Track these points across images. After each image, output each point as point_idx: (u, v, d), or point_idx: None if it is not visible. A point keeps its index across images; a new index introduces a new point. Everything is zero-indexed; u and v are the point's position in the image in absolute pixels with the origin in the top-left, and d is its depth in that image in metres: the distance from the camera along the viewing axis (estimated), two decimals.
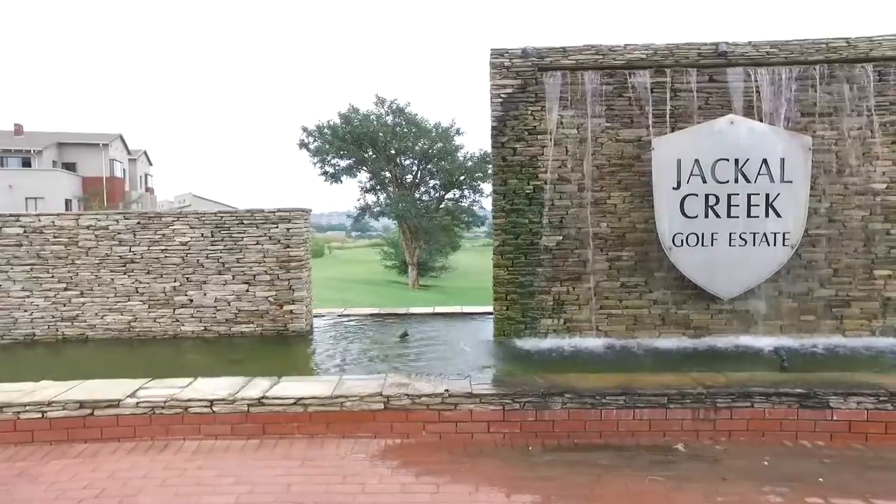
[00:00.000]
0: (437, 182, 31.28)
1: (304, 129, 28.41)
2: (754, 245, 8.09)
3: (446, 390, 5.97)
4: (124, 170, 50.99)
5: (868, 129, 8.33)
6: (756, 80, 8.29)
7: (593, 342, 8.45)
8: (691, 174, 8.07)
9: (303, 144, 28.45)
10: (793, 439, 5.89)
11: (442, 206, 31.99)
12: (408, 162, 27.56)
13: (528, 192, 8.60)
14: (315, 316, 10.93)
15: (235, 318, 9.42)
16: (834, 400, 5.86)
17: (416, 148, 28.45)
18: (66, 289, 9.40)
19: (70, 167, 44.66)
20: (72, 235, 9.36)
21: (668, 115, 8.37)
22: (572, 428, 5.93)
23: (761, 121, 8.24)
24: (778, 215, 8.05)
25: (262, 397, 5.90)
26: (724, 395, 5.92)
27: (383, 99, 28.03)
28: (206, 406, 5.86)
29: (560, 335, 8.61)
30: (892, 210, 8.43)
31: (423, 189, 31.42)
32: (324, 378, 6.54)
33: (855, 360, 7.70)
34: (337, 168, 28.81)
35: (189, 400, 5.88)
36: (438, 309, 11.55)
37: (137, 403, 5.80)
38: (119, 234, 9.36)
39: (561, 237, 8.59)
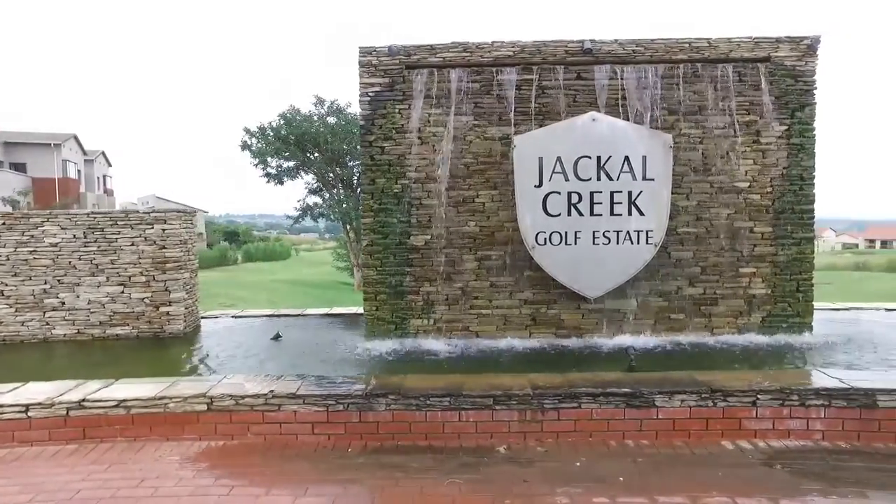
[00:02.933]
0: None
1: (247, 130, 28.17)
2: (618, 243, 8.08)
3: (271, 391, 5.88)
4: (79, 171, 50.22)
5: (731, 128, 8.36)
6: (622, 78, 8.28)
7: (462, 342, 8.38)
8: (553, 172, 8.03)
9: (245, 146, 28.17)
10: (619, 439, 5.88)
11: None
12: (353, 163, 27.33)
13: (396, 191, 8.52)
14: (206, 317, 10.82)
15: (110, 321, 9.24)
16: (659, 399, 5.85)
17: (359, 149, 27.94)
18: None
19: (20, 168, 43.84)
20: None
21: (535, 113, 8.33)
22: (397, 430, 5.87)
23: (628, 119, 8.24)
24: (641, 213, 8.04)
25: (83, 400, 5.77)
26: (551, 397, 5.88)
27: (322, 99, 27.81)
28: (20, 411, 5.71)
29: (430, 335, 8.53)
30: (754, 208, 8.47)
31: None
32: (157, 380, 6.39)
33: (710, 357, 7.74)
34: (279, 169, 28.59)
35: (2, 406, 5.72)
36: (336, 310, 11.47)
37: None
38: None
39: (429, 236, 8.52)
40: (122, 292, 9.25)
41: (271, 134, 27.92)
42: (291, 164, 29.07)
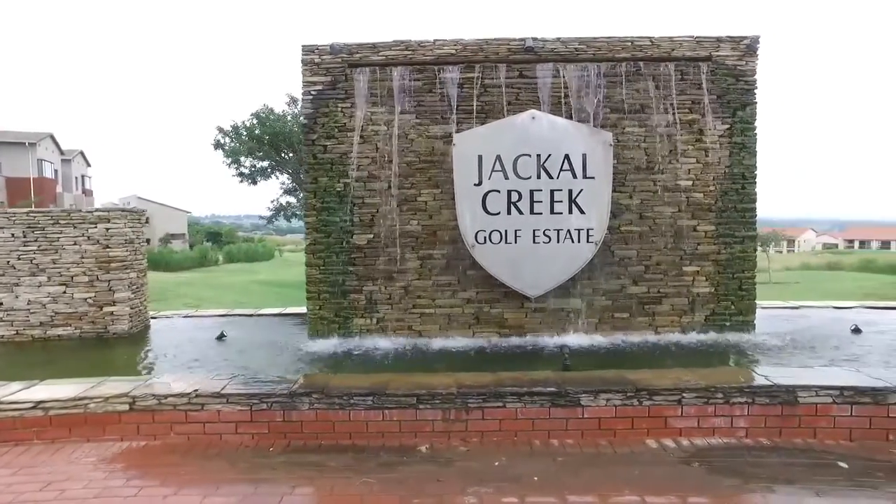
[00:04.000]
0: None
1: (220, 130, 27.98)
2: (558, 242, 8.05)
3: (195, 390, 5.81)
4: (56, 170, 49.76)
5: (673, 126, 8.37)
6: (564, 77, 8.27)
7: (404, 342, 8.34)
8: (493, 170, 7.99)
9: (218, 145, 28.00)
10: (544, 439, 5.84)
11: None
12: None
13: (338, 190, 8.46)
14: (157, 317, 10.73)
15: (52, 321, 9.11)
16: (585, 398, 5.83)
17: None
18: None
19: None
20: None
21: (477, 111, 8.30)
22: (321, 429, 5.82)
23: (571, 117, 8.23)
24: (581, 212, 8.02)
25: None
26: (476, 396, 5.84)
27: (295, 99, 27.57)
28: None
29: (373, 335, 8.48)
30: (697, 207, 8.48)
31: None
32: (83, 380, 6.30)
33: (651, 356, 7.75)
34: (253, 169, 28.42)
35: None
36: (289, 309, 11.40)
37: None
38: None
39: (372, 235, 8.47)
40: (65, 292, 9.13)
41: (245, 133, 27.76)
42: (265, 163, 28.91)
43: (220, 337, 8.77)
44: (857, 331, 8.61)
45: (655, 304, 8.55)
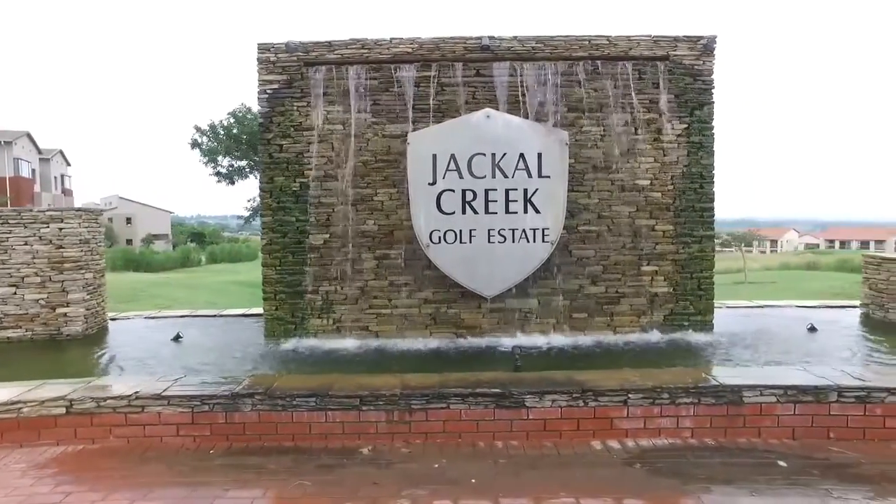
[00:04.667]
0: None
1: (197, 129, 27.77)
2: (514, 242, 8.00)
3: (135, 392, 5.71)
4: (34, 170, 49.26)
5: (632, 125, 8.34)
6: (522, 75, 8.22)
7: (360, 342, 8.26)
8: (447, 169, 7.93)
9: (195, 144, 27.78)
10: (489, 440, 5.78)
11: None
12: None
13: (294, 189, 8.37)
14: (117, 319, 10.61)
15: (0, 323, 8.95)
16: (529, 399, 5.77)
17: None
18: None
19: None
20: None
21: (434, 110, 8.24)
22: (264, 431, 5.74)
23: (528, 116, 8.18)
24: (537, 211, 7.97)
25: None
26: (419, 397, 5.78)
27: None
28: None
29: (329, 335, 8.40)
30: (656, 206, 8.46)
31: None
32: (21, 383, 6.13)
33: (608, 356, 7.71)
34: (230, 169, 28.22)
35: None
36: (253, 310, 11.25)
37: None
38: None
39: (328, 235, 8.38)
40: (15, 293, 8.96)
41: (222, 132, 27.57)
42: (244, 163, 28.71)
43: (176, 338, 8.65)
44: (812, 329, 8.63)
45: (614, 304, 8.51)
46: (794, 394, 5.75)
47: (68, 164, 60.54)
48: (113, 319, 10.44)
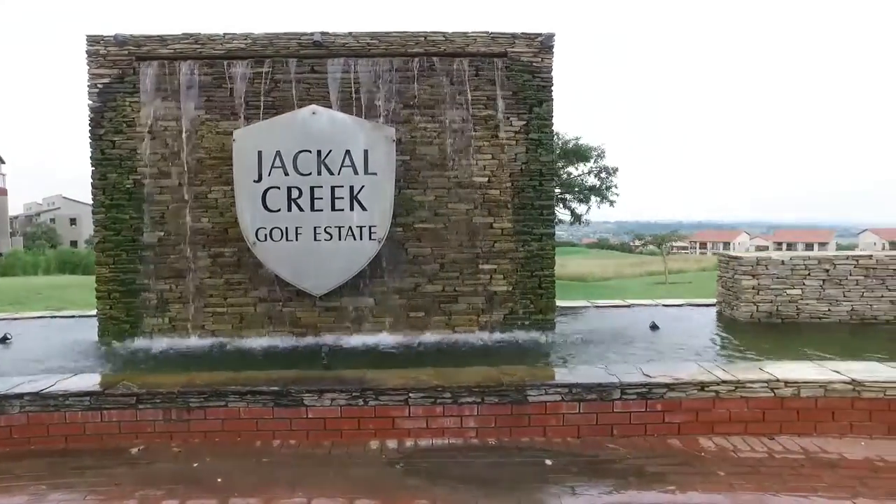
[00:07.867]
0: None
1: None
2: (340, 239, 7.93)
3: None
4: None
5: (468, 122, 8.30)
6: (356, 72, 8.15)
7: (195, 342, 8.18)
8: (273, 166, 7.84)
9: None
10: (268, 439, 5.75)
11: None
12: None
13: (128, 186, 8.24)
14: None
15: None
16: (308, 398, 5.74)
17: None
18: None
19: None
20: None
21: (267, 107, 8.14)
22: (34, 433, 5.67)
23: (361, 113, 8.11)
24: (363, 208, 7.91)
25: None
26: (197, 395, 5.72)
27: None
28: None
29: (165, 334, 8.28)
30: (494, 204, 8.41)
31: None
32: None
33: (442, 355, 7.67)
34: None
35: None
36: None
37: None
38: None
39: (162, 233, 8.26)
40: None
41: None
42: None
43: (3, 339, 8.48)
44: (654, 327, 8.66)
45: (452, 303, 8.46)
46: (579, 392, 5.75)
47: (2, 162, 58.04)
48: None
